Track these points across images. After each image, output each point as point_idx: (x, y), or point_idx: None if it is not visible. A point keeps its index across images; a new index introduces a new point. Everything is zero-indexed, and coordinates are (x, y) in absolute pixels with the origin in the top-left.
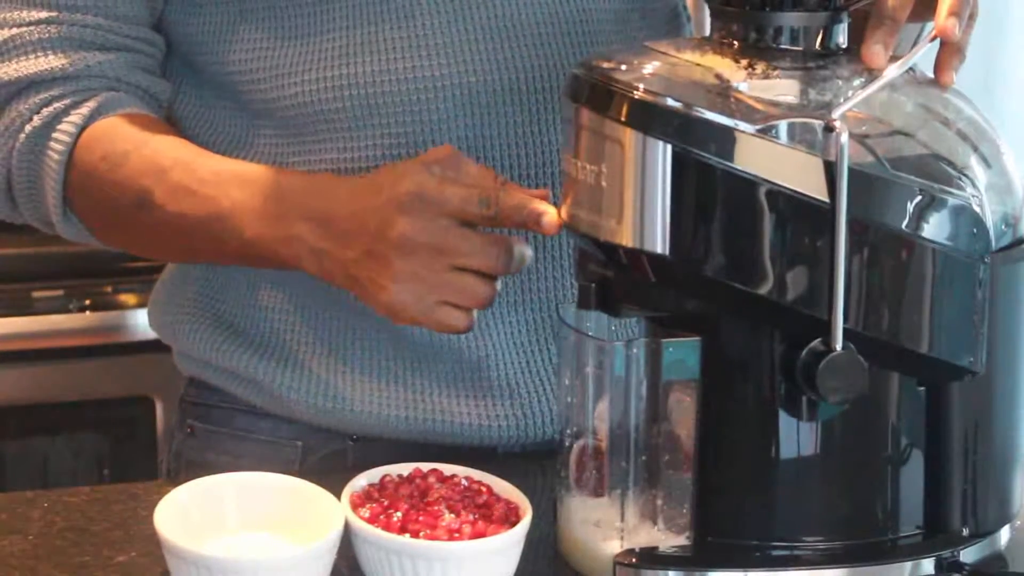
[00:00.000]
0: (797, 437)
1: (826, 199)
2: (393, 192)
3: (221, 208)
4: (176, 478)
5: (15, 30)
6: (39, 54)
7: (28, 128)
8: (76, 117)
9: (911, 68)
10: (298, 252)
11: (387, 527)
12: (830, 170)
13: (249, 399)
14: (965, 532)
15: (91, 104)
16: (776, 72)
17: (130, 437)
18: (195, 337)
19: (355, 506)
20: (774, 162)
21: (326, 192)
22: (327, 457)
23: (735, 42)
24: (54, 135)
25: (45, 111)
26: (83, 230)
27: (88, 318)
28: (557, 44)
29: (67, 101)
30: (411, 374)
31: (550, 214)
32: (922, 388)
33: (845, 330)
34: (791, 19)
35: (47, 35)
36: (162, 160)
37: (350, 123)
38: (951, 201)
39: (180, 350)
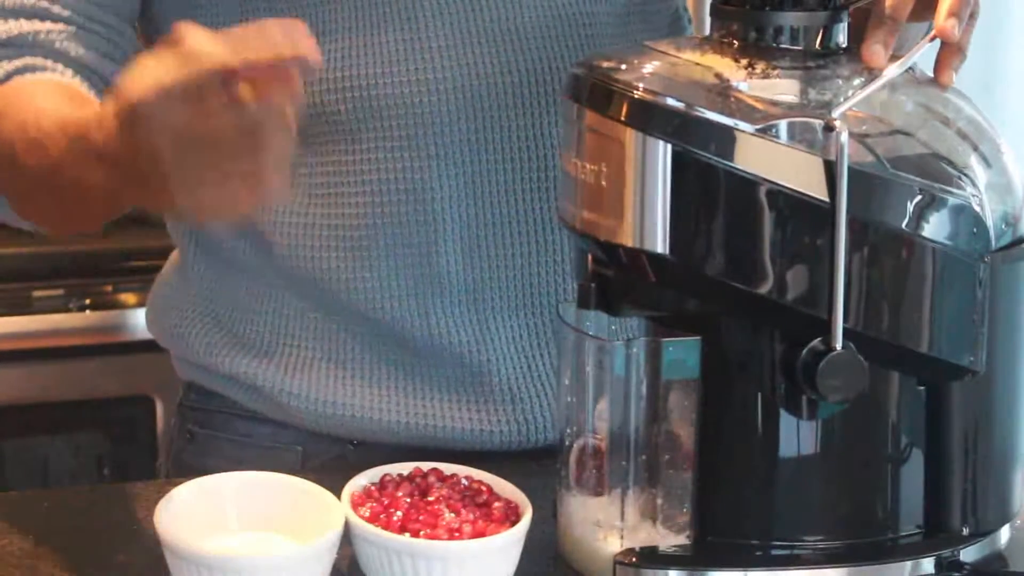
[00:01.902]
0: (797, 436)
1: (826, 198)
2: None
3: (52, 158)
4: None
5: None
6: None
7: None
8: None
9: (911, 67)
10: (115, 191)
11: (387, 526)
12: (830, 169)
13: (249, 404)
14: (965, 531)
15: (7, 67)
16: (776, 71)
17: (130, 437)
18: (194, 342)
19: (355, 505)
20: (774, 161)
21: (102, 123)
22: (327, 462)
23: (735, 41)
24: None
25: None
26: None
27: (88, 318)
28: (558, 47)
29: None
30: (411, 379)
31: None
32: (922, 388)
33: (845, 329)
34: (791, 18)
35: None
36: (25, 115)
37: (352, 125)
38: (951, 200)
39: (179, 355)
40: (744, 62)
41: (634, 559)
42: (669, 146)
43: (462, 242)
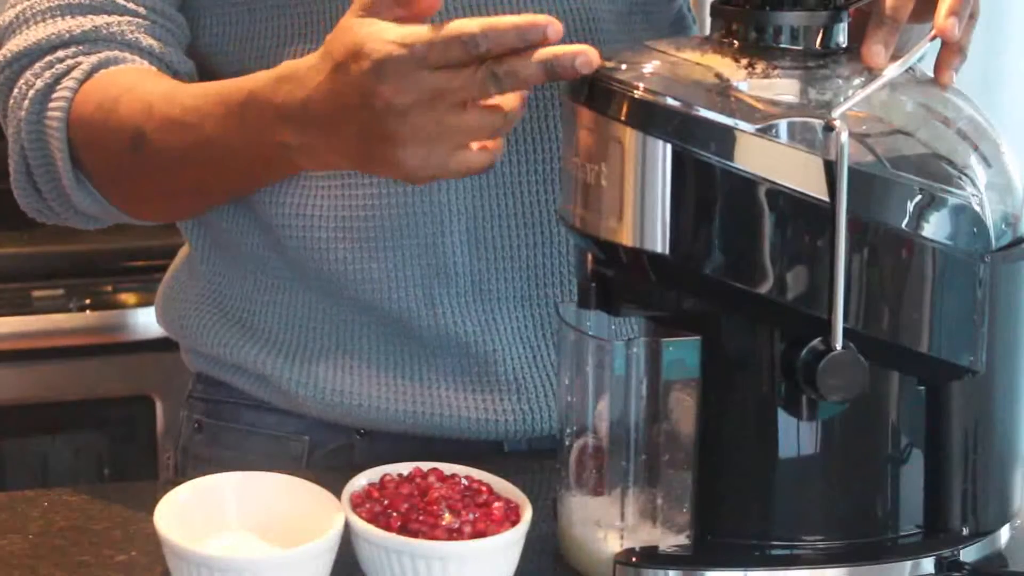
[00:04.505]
0: (797, 436)
1: (826, 198)
2: (360, 67)
3: (206, 134)
4: (183, 473)
5: (26, 3)
6: (47, 21)
7: (31, 93)
8: (77, 73)
9: (911, 67)
10: (291, 157)
11: (387, 527)
12: (830, 169)
13: (257, 394)
14: (965, 531)
15: (92, 60)
16: (776, 71)
17: (130, 437)
18: (203, 333)
19: (355, 505)
20: (774, 161)
21: (292, 84)
22: (334, 452)
23: (735, 41)
24: (54, 95)
25: (47, 74)
26: (98, 197)
27: (88, 317)
28: (564, 42)
29: (70, 62)
30: (418, 369)
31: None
32: (922, 388)
33: (845, 329)
34: (791, 18)
35: (55, 3)
36: (149, 97)
37: None
38: (951, 200)
39: (188, 346)
40: (744, 62)
41: (634, 559)
42: (669, 146)
43: (468, 234)
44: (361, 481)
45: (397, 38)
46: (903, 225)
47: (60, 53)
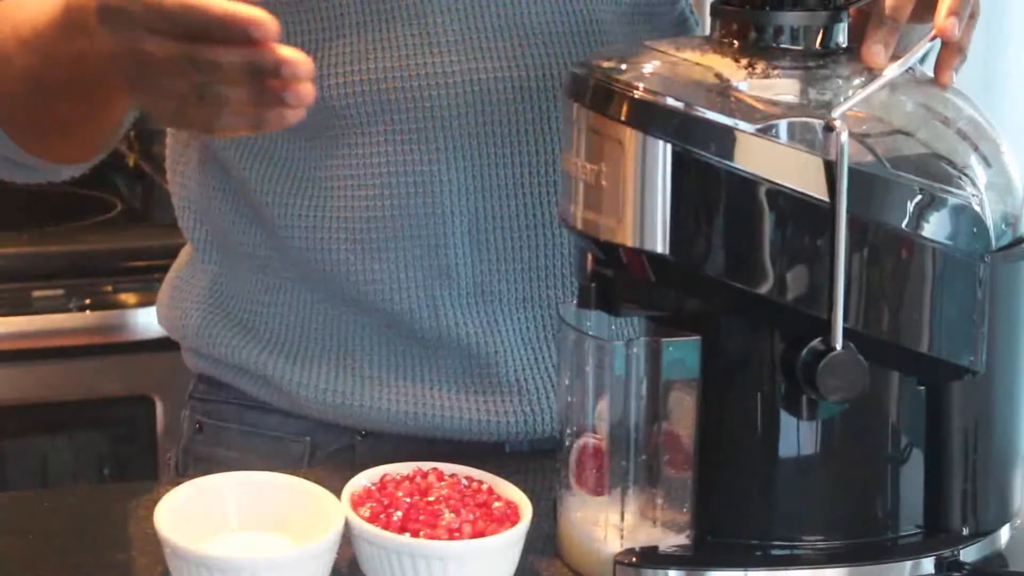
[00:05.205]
0: (797, 436)
1: (826, 198)
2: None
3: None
4: (184, 474)
5: None
6: None
7: None
8: None
9: (911, 67)
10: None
11: (387, 526)
12: (830, 169)
13: (258, 395)
14: (965, 531)
15: None
16: (776, 71)
17: (130, 437)
18: (204, 334)
19: (355, 505)
20: (774, 161)
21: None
22: (335, 453)
23: (735, 41)
24: None
25: None
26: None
27: (88, 317)
28: (566, 43)
29: None
30: (419, 370)
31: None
32: (922, 387)
33: (845, 329)
34: (791, 18)
35: None
36: (9, 23)
37: (362, 119)
38: (951, 200)
39: (189, 347)
40: (744, 62)
41: (634, 559)
42: (669, 146)
43: (470, 235)
44: (361, 481)
45: None
46: (903, 225)
47: None
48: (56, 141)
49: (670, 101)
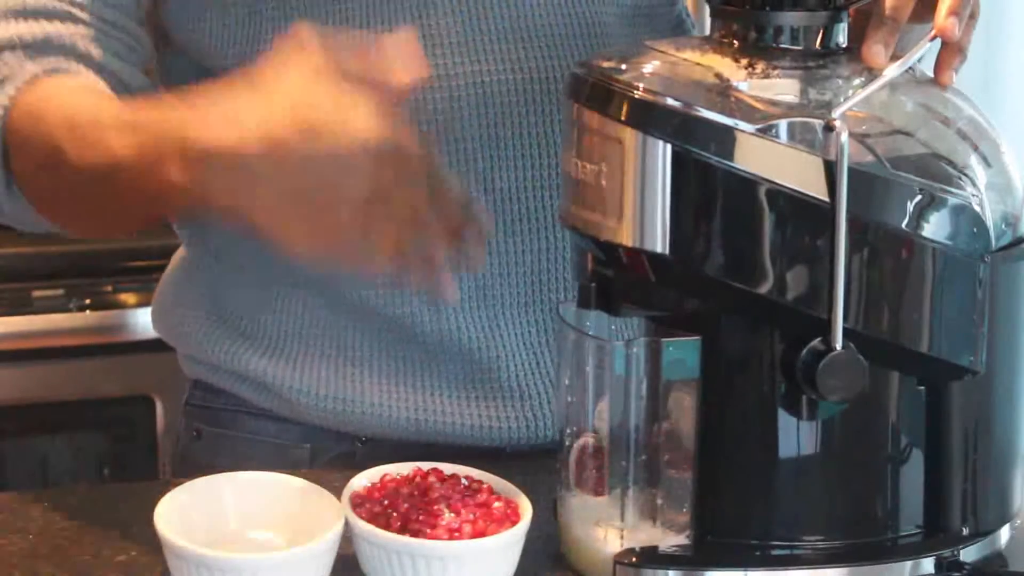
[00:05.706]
0: (797, 436)
1: (826, 198)
2: (355, 129)
3: (112, 155)
4: (179, 482)
5: None
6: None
7: None
8: (20, 79)
9: (911, 67)
10: (176, 197)
11: (387, 527)
12: (830, 169)
13: (257, 402)
14: (965, 531)
15: (37, 67)
16: (776, 71)
17: (130, 437)
18: (201, 340)
19: (355, 505)
20: (774, 161)
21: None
22: (335, 459)
23: (735, 41)
24: None
25: None
26: (26, 204)
27: (88, 317)
28: (569, 45)
29: (15, 65)
30: (420, 376)
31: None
32: (922, 387)
33: (845, 329)
34: (791, 18)
35: (10, 5)
36: (75, 111)
37: None
38: (951, 200)
39: (185, 353)
40: (744, 62)
41: (634, 559)
42: (669, 146)
43: None
44: (361, 481)
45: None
46: (903, 225)
47: (7, 56)
48: (88, 226)
49: (670, 101)
